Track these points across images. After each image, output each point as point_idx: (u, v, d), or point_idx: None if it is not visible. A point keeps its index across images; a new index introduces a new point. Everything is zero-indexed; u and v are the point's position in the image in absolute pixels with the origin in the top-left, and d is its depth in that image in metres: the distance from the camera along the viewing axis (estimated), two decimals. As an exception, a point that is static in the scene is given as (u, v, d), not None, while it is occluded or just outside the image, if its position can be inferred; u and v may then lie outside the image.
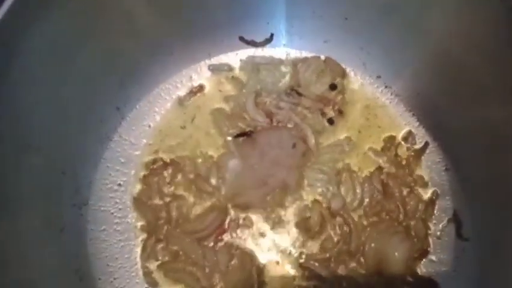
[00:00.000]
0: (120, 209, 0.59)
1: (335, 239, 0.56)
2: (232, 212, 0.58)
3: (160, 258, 0.56)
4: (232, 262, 0.55)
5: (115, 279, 0.55)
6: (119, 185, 0.60)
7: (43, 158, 0.52)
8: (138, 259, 0.56)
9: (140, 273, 0.56)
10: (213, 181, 0.59)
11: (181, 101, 0.65)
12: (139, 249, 0.57)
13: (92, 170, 0.59)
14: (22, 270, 0.46)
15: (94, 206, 0.58)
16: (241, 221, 0.58)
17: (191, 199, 0.59)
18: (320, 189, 0.59)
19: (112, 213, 0.58)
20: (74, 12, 0.50)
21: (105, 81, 0.59)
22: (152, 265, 0.56)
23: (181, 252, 0.56)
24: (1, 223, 0.45)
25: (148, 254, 0.56)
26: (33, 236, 0.49)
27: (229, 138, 0.61)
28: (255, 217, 0.58)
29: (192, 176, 0.60)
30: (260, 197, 0.59)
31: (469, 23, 0.52)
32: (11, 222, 0.46)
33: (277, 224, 0.58)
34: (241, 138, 0.61)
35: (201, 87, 0.66)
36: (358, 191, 0.59)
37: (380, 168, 0.60)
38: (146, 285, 0.55)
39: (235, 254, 0.55)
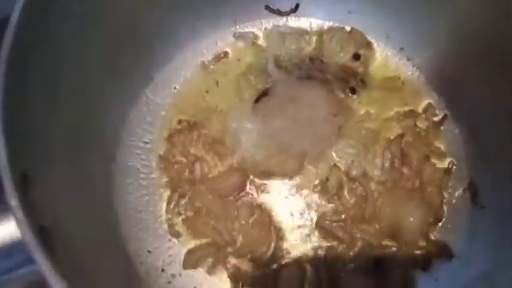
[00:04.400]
0: (146, 165, 0.61)
1: (351, 202, 0.58)
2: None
3: (182, 213, 0.58)
4: (251, 220, 0.58)
5: (139, 229, 0.58)
6: (145, 142, 0.62)
7: (72, 114, 0.53)
8: (163, 213, 0.59)
9: (165, 226, 0.58)
10: (230, 144, 0.61)
11: (206, 66, 0.66)
12: (163, 204, 0.59)
13: (119, 127, 0.61)
14: (55, 224, 0.45)
15: (121, 163, 0.60)
16: (260, 183, 0.60)
17: (212, 160, 0.61)
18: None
19: (138, 169, 0.61)
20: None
21: (133, 43, 0.60)
22: (176, 219, 0.58)
23: (203, 208, 0.58)
24: (37, 181, 0.43)
25: (171, 208, 0.58)
26: (68, 193, 0.49)
27: (250, 103, 0.63)
28: (274, 180, 0.60)
29: (210, 138, 0.62)
30: (280, 164, 0.60)
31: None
32: (46, 180, 0.46)
33: (295, 186, 0.60)
34: (260, 101, 0.62)
35: (225, 54, 0.67)
36: (378, 160, 0.60)
37: (400, 136, 0.61)
38: (169, 237, 0.58)
39: (255, 211, 0.58)
